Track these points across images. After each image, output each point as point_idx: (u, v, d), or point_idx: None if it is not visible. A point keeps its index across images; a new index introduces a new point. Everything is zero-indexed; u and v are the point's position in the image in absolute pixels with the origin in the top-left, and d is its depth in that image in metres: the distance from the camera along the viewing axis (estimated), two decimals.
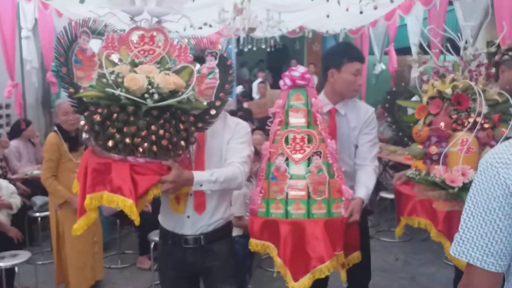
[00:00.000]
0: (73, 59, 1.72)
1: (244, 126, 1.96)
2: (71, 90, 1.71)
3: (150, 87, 1.57)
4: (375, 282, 2.55)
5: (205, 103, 1.75)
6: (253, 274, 3.36)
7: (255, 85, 8.49)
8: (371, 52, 7.50)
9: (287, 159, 1.98)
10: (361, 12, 5.22)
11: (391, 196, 4.42)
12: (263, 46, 5.94)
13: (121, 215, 3.83)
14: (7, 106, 5.73)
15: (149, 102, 1.56)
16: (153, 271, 3.47)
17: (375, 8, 5.18)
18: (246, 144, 1.92)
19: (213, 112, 1.76)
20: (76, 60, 1.72)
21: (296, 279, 1.85)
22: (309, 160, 1.95)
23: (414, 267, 3.89)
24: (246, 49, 6.72)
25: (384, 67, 7.37)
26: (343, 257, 1.89)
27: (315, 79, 9.37)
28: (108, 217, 4.05)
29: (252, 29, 4.74)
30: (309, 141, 1.98)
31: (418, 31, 5.83)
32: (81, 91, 1.69)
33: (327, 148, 1.96)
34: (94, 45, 1.78)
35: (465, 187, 1.82)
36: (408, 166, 2.24)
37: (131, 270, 3.96)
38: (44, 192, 4.50)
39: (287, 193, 1.94)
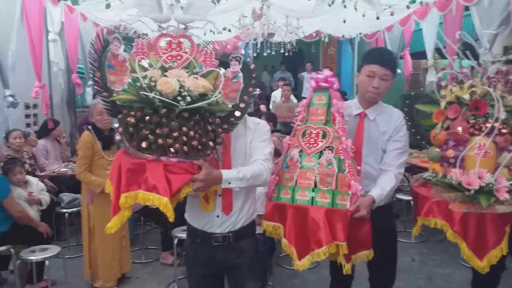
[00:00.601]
0: (106, 64, 1.82)
1: (263, 126, 2.05)
2: (105, 93, 1.82)
3: (182, 90, 1.66)
4: None
5: (230, 106, 1.85)
6: (273, 271, 3.46)
7: (277, 94, 8.42)
8: None
9: (301, 151, 2.13)
10: (377, 18, 5.28)
11: (407, 197, 4.50)
12: (281, 51, 6.01)
13: (144, 212, 4.01)
14: (35, 106, 5.93)
15: (182, 104, 1.66)
16: (176, 266, 3.58)
17: (392, 14, 5.24)
18: (267, 142, 2.02)
19: (237, 114, 1.86)
20: (109, 65, 1.82)
21: (299, 258, 2.00)
22: (321, 154, 2.08)
23: (430, 268, 3.94)
24: (265, 54, 6.81)
25: (399, 71, 7.40)
26: (345, 248, 1.94)
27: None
28: (132, 214, 4.18)
29: (271, 34, 4.86)
30: (324, 136, 2.12)
31: (434, 36, 5.87)
32: (114, 94, 1.79)
33: (341, 145, 2.06)
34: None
35: (482, 190, 1.87)
36: (423, 169, 2.29)
37: (155, 265, 4.09)
38: (71, 189, 4.70)
39: (296, 181, 2.08)
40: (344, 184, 2.02)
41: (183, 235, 3.45)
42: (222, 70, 1.84)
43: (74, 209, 4.33)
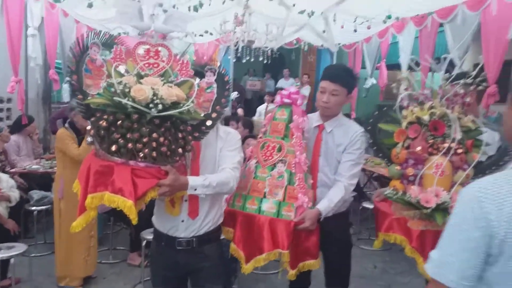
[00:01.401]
0: (83, 68, 1.86)
1: (234, 135, 2.11)
2: (80, 96, 1.85)
3: (154, 97, 1.71)
4: None
5: (202, 115, 1.91)
6: (238, 276, 3.51)
7: (262, 109, 8.45)
8: (363, 67, 7.72)
9: (257, 162, 2.26)
10: (355, 31, 5.42)
11: (373, 206, 4.63)
12: (261, 58, 6.09)
13: (114, 212, 4.00)
14: (9, 100, 5.86)
15: (153, 111, 1.70)
16: (143, 267, 3.59)
17: (368, 27, 5.38)
18: (237, 151, 2.07)
19: (209, 123, 1.92)
20: (86, 69, 1.86)
21: (246, 263, 2.15)
22: (274, 166, 2.22)
23: (391, 276, 4.07)
24: (244, 60, 6.88)
25: (375, 81, 7.59)
26: (287, 256, 2.06)
27: (308, 89, 9.56)
28: (102, 214, 4.18)
29: (251, 42, 4.94)
30: (279, 150, 2.25)
31: (409, 49, 6.05)
32: (89, 98, 1.82)
33: (295, 159, 2.18)
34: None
35: (438, 208, 1.96)
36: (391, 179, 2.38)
37: (122, 266, 4.10)
38: (42, 187, 4.67)
39: (249, 190, 2.22)
40: (292, 196, 2.15)
41: (151, 237, 3.48)
42: (196, 80, 1.89)
43: (44, 207, 4.30)
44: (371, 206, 4.68)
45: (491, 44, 4.23)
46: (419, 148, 2.10)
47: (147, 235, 3.51)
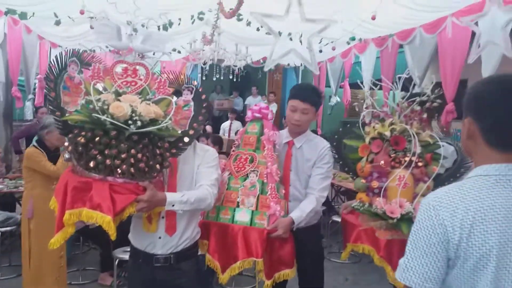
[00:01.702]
0: (61, 86, 1.88)
1: (212, 153, 2.15)
2: (58, 113, 1.87)
3: (133, 114, 1.75)
4: None
5: (179, 132, 1.95)
6: None
7: (226, 126, 8.76)
8: (328, 85, 7.98)
9: (230, 174, 2.35)
10: (320, 51, 5.64)
11: (334, 219, 4.77)
12: (230, 76, 6.21)
13: (85, 231, 3.94)
14: None
15: (132, 128, 1.74)
16: (115, 287, 3.55)
17: (333, 49, 5.61)
18: (214, 168, 2.10)
19: (186, 140, 1.96)
20: (64, 86, 1.89)
21: (223, 272, 2.19)
22: (247, 177, 2.31)
23: (362, 287, 4.18)
24: (214, 78, 7.00)
25: (339, 99, 7.86)
26: (261, 264, 2.12)
27: (275, 106, 9.75)
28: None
29: (221, 60, 5.06)
30: (251, 161, 2.35)
31: (371, 69, 6.33)
32: (67, 115, 1.85)
33: (266, 169, 2.28)
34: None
35: (403, 218, 2.05)
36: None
37: (93, 286, 4.01)
38: (5, 207, 4.52)
39: (222, 201, 2.30)
40: (265, 205, 2.23)
41: (124, 256, 3.45)
42: (174, 98, 1.95)
43: (8, 228, 4.17)
44: (340, 220, 4.81)
45: (448, 64, 4.52)
46: (382, 162, 2.19)
47: (120, 254, 3.48)
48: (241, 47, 5.01)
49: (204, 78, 8.62)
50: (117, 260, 3.47)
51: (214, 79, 7.09)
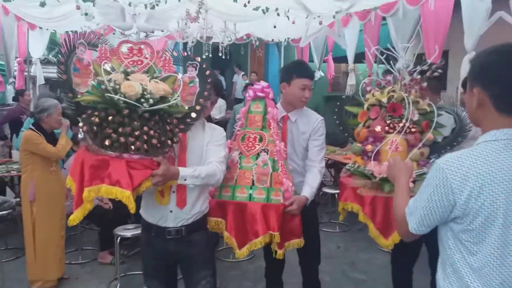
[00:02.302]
0: (71, 67, 1.92)
1: (220, 131, 2.24)
2: (70, 94, 1.92)
3: (145, 93, 1.81)
4: (320, 268, 2.83)
5: (186, 108, 2.02)
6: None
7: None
8: (311, 60, 8.03)
9: (240, 153, 2.42)
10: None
11: (331, 191, 4.92)
12: (210, 55, 6.14)
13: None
14: None
15: (145, 106, 1.81)
16: (118, 264, 3.61)
17: (320, 23, 5.66)
18: (222, 146, 2.21)
19: (193, 115, 2.02)
20: (74, 68, 1.92)
21: (239, 247, 2.28)
22: (258, 155, 2.39)
23: (353, 253, 4.36)
24: (204, 56, 6.95)
25: (322, 74, 7.92)
26: (278, 237, 2.24)
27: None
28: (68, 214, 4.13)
29: (209, 38, 5.06)
30: (260, 140, 2.42)
31: (355, 42, 6.40)
32: (79, 96, 1.90)
33: (275, 147, 2.37)
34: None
35: (387, 179, 2.11)
36: (345, 164, 2.55)
37: (93, 265, 4.08)
38: (2, 192, 4.50)
39: (236, 180, 2.37)
40: (278, 181, 2.33)
41: (126, 234, 3.53)
42: (179, 75, 2.00)
43: (4, 212, 4.16)
44: (329, 191, 4.97)
45: (431, 35, 4.63)
46: (378, 128, 2.31)
47: (120, 231, 3.56)
48: (229, 24, 5.00)
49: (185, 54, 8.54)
50: (119, 238, 3.54)
51: (204, 57, 7.05)
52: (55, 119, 3.42)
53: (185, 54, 2.17)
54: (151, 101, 1.82)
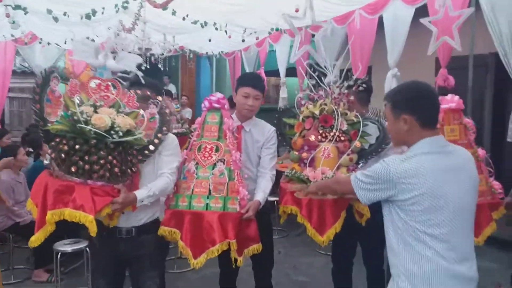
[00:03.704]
0: (44, 98, 2.09)
1: (172, 140, 2.36)
2: (41, 123, 2.08)
3: (114, 126, 1.98)
4: None
5: (146, 141, 2.20)
6: None
7: None
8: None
9: (197, 163, 2.48)
10: (243, 41, 5.85)
11: (270, 198, 5.09)
12: (148, 66, 6.10)
13: (14, 229, 3.83)
14: None
15: (115, 138, 1.97)
16: (58, 281, 3.55)
17: (257, 38, 5.87)
18: (174, 156, 2.35)
19: (151, 148, 2.22)
20: (47, 99, 2.10)
21: (195, 257, 2.32)
22: (214, 165, 2.46)
23: (294, 258, 4.59)
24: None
25: None
26: (235, 245, 2.30)
27: (189, 112, 9.59)
28: None
29: (148, 49, 5.09)
30: (217, 150, 2.50)
31: (285, 57, 6.71)
32: (49, 124, 2.05)
33: (231, 157, 2.46)
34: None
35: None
36: (282, 173, 2.72)
37: (27, 284, 3.95)
38: None
39: (192, 190, 2.43)
40: (234, 190, 2.41)
41: (66, 249, 3.45)
42: (141, 111, 2.18)
43: None
44: (271, 199, 5.14)
45: (357, 52, 5.01)
46: (312, 137, 2.56)
47: (60, 247, 3.47)
48: (168, 37, 5.07)
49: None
50: (59, 254, 3.48)
51: (143, 68, 6.94)
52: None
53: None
54: (120, 133, 1.99)
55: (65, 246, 3.52)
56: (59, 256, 3.49)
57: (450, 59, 3.74)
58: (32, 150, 4.26)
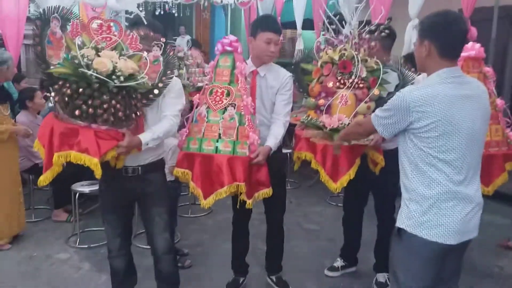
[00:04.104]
0: (45, 40, 2.04)
1: (176, 83, 2.33)
2: (43, 65, 2.05)
3: (116, 70, 1.95)
4: None
5: (150, 84, 2.15)
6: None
7: None
8: None
9: (208, 107, 2.49)
10: None
11: (286, 150, 5.13)
12: (158, 11, 5.94)
13: (35, 171, 3.94)
14: None
15: (116, 82, 1.95)
16: (77, 220, 3.67)
17: None
18: (178, 98, 2.33)
19: (156, 92, 2.18)
20: (48, 41, 2.05)
21: (205, 198, 2.39)
22: (225, 110, 2.46)
23: (305, 207, 4.69)
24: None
25: None
26: (243, 188, 2.32)
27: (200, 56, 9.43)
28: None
29: None
30: (228, 94, 2.48)
31: (303, 8, 6.51)
32: (52, 67, 2.02)
33: (242, 102, 2.43)
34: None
35: (337, 129, 2.35)
36: (295, 125, 2.69)
37: (47, 223, 4.10)
38: None
39: (203, 133, 2.45)
40: (244, 135, 2.41)
41: (84, 190, 3.56)
42: (145, 53, 2.11)
43: None
44: (285, 151, 5.18)
45: (377, 3, 4.80)
46: (330, 83, 2.49)
47: (78, 187, 3.58)
48: None
49: (127, 15, 8.25)
50: (77, 194, 3.59)
51: (156, 14, 6.78)
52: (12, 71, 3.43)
53: None
54: (122, 78, 1.96)
55: (83, 187, 3.62)
56: (77, 197, 3.61)
57: (473, 11, 3.61)
58: (49, 95, 4.29)
